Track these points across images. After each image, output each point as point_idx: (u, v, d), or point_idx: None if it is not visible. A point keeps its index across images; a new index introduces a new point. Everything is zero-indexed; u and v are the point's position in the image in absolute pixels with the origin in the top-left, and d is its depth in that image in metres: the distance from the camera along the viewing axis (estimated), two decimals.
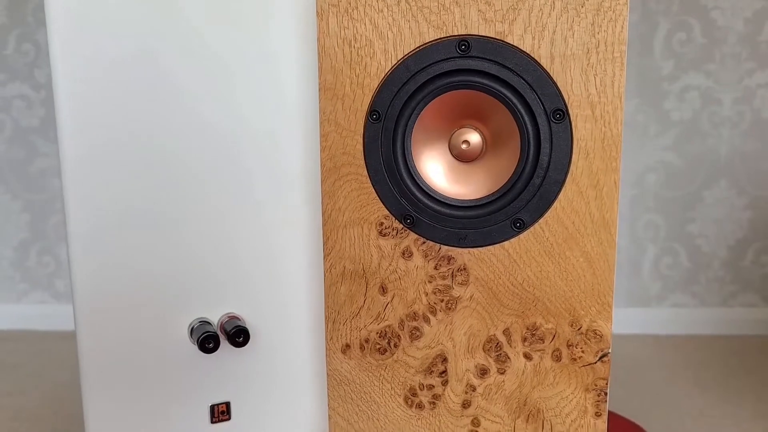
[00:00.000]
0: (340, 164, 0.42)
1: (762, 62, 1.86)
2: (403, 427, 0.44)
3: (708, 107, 1.87)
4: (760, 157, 1.89)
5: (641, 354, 1.85)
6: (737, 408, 1.54)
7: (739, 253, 1.95)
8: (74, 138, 0.42)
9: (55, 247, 2.05)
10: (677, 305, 1.99)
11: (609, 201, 0.38)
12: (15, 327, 2.07)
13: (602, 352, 0.40)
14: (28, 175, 2.02)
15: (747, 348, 1.88)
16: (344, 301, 0.44)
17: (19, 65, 1.97)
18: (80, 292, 0.44)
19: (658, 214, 1.94)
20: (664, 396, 1.59)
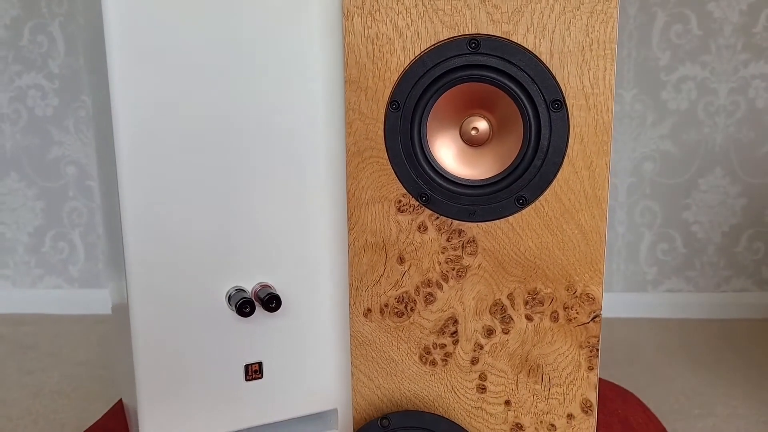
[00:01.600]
0: (363, 148, 0.47)
1: (756, 53, 1.90)
2: (418, 382, 0.50)
3: (704, 97, 1.92)
4: (754, 145, 1.94)
5: (637, 337, 1.91)
6: (729, 388, 1.60)
7: (732, 239, 2.01)
8: (128, 122, 0.47)
9: (69, 233, 2.11)
10: (672, 290, 2.05)
11: (601, 180, 0.44)
12: (31, 311, 2.13)
13: (594, 314, 0.45)
14: (43, 164, 2.07)
15: (739, 331, 1.94)
16: (366, 270, 0.49)
17: (34, 56, 2.02)
18: (132, 263, 0.49)
19: (654, 200, 1.99)
20: (659, 376, 1.65)
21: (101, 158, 0.61)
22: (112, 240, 0.59)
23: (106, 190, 0.57)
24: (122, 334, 0.57)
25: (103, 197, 0.62)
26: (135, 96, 0.46)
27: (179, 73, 0.47)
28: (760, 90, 1.92)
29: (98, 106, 0.57)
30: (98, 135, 0.61)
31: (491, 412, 0.48)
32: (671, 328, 2.00)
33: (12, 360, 1.77)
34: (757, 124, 1.95)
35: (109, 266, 0.66)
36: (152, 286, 0.49)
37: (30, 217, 2.11)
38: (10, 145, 2.07)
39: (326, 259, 0.53)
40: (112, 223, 0.56)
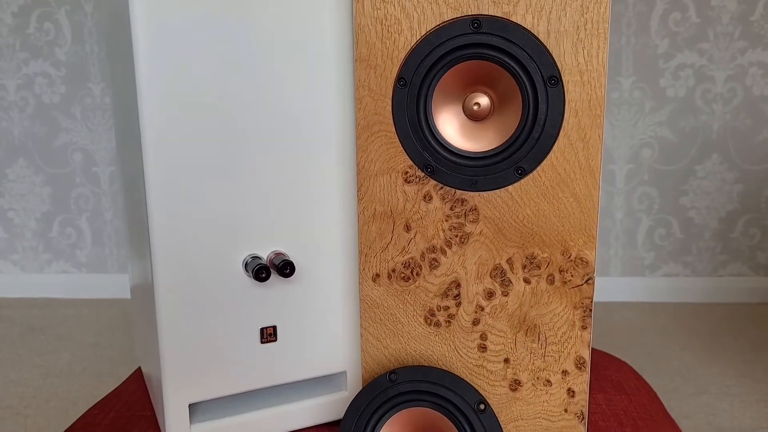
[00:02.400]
0: (372, 123, 0.51)
1: (754, 41, 1.93)
2: (423, 342, 0.53)
3: (701, 84, 1.95)
4: (750, 132, 1.97)
5: (635, 320, 1.95)
6: (724, 367, 1.64)
7: (729, 224, 2.04)
8: (154, 105, 0.50)
9: (76, 219, 2.14)
10: (670, 274, 2.08)
11: (594, 151, 0.47)
12: (39, 295, 2.18)
13: (588, 276, 0.49)
14: (51, 150, 2.10)
15: (735, 314, 1.98)
16: (374, 238, 0.52)
17: (41, 44, 2.05)
18: (157, 235, 0.52)
19: (652, 187, 2.02)
20: (656, 357, 1.69)
21: (123, 140, 0.64)
22: (133, 217, 0.62)
23: (130, 169, 0.60)
24: (145, 305, 0.61)
25: (125, 177, 0.66)
26: (160, 79, 0.49)
27: (202, 60, 0.50)
28: (757, 77, 1.95)
29: (120, 89, 0.60)
30: (119, 117, 0.64)
31: (491, 370, 0.52)
32: (668, 312, 2.04)
33: (23, 342, 1.81)
34: (754, 111, 1.98)
35: (131, 244, 0.69)
36: (175, 256, 0.53)
37: (38, 203, 2.15)
38: (17, 131, 2.10)
39: (336, 229, 0.57)
40: (134, 201, 0.59)
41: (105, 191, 2.13)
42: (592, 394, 0.66)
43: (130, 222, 0.66)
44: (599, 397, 0.66)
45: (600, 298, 2.08)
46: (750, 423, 1.37)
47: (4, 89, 2.08)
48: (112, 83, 0.68)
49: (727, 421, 1.39)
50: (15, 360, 1.70)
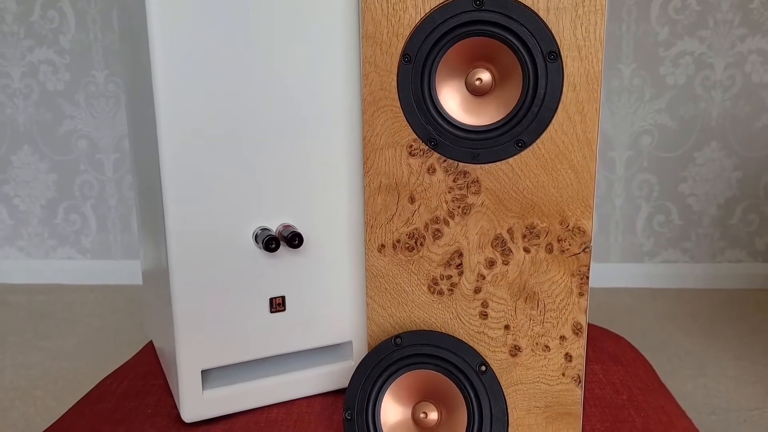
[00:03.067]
0: (378, 98, 0.52)
1: (753, 28, 1.94)
2: (426, 310, 0.55)
3: (701, 72, 1.96)
4: (749, 119, 1.98)
5: (635, 306, 1.97)
6: (721, 351, 1.66)
7: (727, 211, 2.06)
8: (168, 82, 0.52)
9: (81, 205, 2.16)
10: (668, 261, 2.10)
11: (591, 124, 0.49)
12: (44, 281, 2.20)
13: (585, 245, 0.51)
14: (55, 137, 2.12)
15: (733, 300, 2.00)
16: (380, 210, 0.54)
17: (45, 31, 2.07)
18: (170, 209, 0.54)
19: (651, 173, 2.04)
20: (653, 341, 1.71)
21: (135, 119, 0.66)
22: (146, 195, 0.64)
23: (144, 148, 0.62)
24: (158, 278, 0.63)
25: (138, 155, 0.67)
26: (175, 59, 0.51)
27: (214, 38, 0.52)
28: (757, 65, 1.96)
29: (134, 70, 0.62)
30: (132, 98, 0.66)
31: (492, 336, 0.54)
32: (667, 298, 2.06)
33: (29, 326, 1.84)
34: (753, 98, 1.99)
35: (142, 222, 0.71)
36: (188, 229, 0.55)
37: (43, 190, 2.17)
38: (22, 119, 2.12)
39: (343, 201, 0.59)
40: (147, 177, 0.61)
41: (109, 178, 2.15)
42: (589, 364, 0.68)
43: (142, 200, 0.68)
44: (596, 368, 0.68)
45: (599, 284, 2.10)
46: (746, 404, 1.40)
47: (8, 77, 2.10)
48: (123, 65, 0.70)
49: (723, 402, 1.41)
50: (22, 343, 1.73)
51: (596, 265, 2.10)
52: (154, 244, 0.63)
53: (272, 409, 0.60)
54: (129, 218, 2.16)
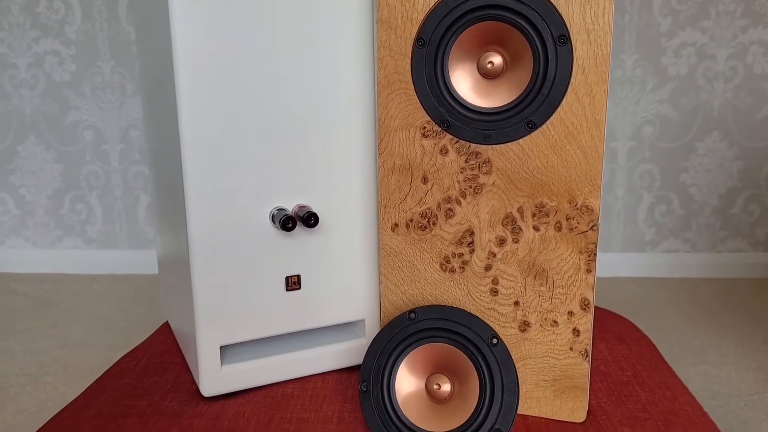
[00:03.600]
0: (392, 81, 0.54)
1: (755, 20, 1.96)
2: (438, 287, 0.57)
3: (703, 63, 1.97)
4: (751, 110, 2.00)
5: (636, 295, 1.99)
6: (721, 338, 1.68)
7: (728, 201, 2.08)
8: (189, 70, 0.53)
9: (87, 195, 2.18)
10: (670, 250, 2.12)
11: (599, 105, 0.50)
12: (50, 270, 2.22)
13: (593, 223, 0.53)
14: (61, 128, 2.13)
15: (734, 289, 2.02)
16: (394, 190, 0.56)
17: (51, 22, 2.08)
18: (191, 191, 0.56)
19: (653, 164, 2.05)
20: (655, 329, 1.73)
21: (154, 105, 0.67)
22: (164, 179, 0.66)
23: (163, 133, 0.64)
24: (177, 259, 0.65)
25: (156, 140, 0.69)
26: (196, 46, 0.53)
27: (235, 26, 0.54)
28: (758, 56, 1.97)
29: (153, 57, 0.64)
30: (149, 84, 0.68)
31: (502, 312, 0.56)
32: (668, 287, 2.08)
33: (37, 314, 1.86)
34: (754, 89, 2.00)
35: (160, 209, 0.73)
36: (208, 210, 0.56)
37: (49, 180, 2.19)
38: (29, 109, 2.14)
39: (357, 182, 0.60)
40: (167, 161, 0.63)
41: (115, 168, 2.16)
42: (594, 343, 0.70)
43: (159, 186, 0.70)
44: (602, 347, 0.70)
45: (601, 274, 2.12)
46: (746, 389, 1.42)
47: (15, 67, 2.11)
48: (140, 51, 0.72)
49: (724, 387, 1.43)
50: (31, 331, 1.75)
51: (598, 254, 2.11)
52: (172, 229, 0.65)
53: (288, 385, 0.62)
54: (135, 208, 2.18)
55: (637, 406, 0.58)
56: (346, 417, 0.57)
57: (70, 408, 0.59)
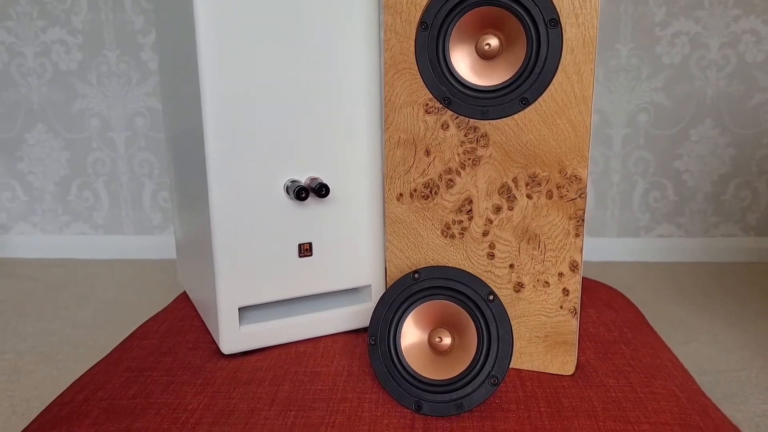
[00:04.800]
0: (398, 62, 0.59)
1: (747, 9, 2.00)
2: (440, 252, 0.62)
3: (696, 51, 2.02)
4: (743, 98, 2.05)
5: (630, 278, 2.05)
6: (712, 319, 1.74)
7: (721, 187, 2.13)
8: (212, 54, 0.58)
9: (93, 182, 2.23)
10: (664, 235, 2.17)
11: (587, 83, 0.55)
12: (58, 256, 2.27)
13: (581, 191, 0.57)
14: (68, 116, 2.18)
15: (725, 273, 2.08)
16: (399, 162, 0.61)
17: (57, 12, 2.12)
18: (212, 162, 0.61)
19: (647, 151, 2.10)
20: (648, 310, 1.78)
21: (174, 87, 0.72)
22: (183, 156, 0.70)
23: (183, 114, 0.68)
24: (197, 230, 0.69)
25: (175, 122, 0.74)
26: (218, 35, 0.58)
27: (255, 17, 0.58)
28: (750, 45, 2.02)
29: (172, 41, 0.68)
30: (168, 71, 0.72)
31: (498, 274, 0.61)
32: (662, 271, 2.14)
33: (47, 297, 1.91)
34: (746, 77, 2.05)
35: (177, 188, 0.78)
36: (227, 183, 0.61)
37: (56, 167, 2.24)
38: (36, 98, 2.18)
39: (365, 155, 0.65)
40: (186, 137, 0.68)
41: (121, 155, 2.21)
42: (584, 309, 0.75)
43: (178, 164, 0.75)
44: (591, 312, 0.75)
45: (597, 258, 2.17)
46: (734, 365, 1.48)
47: (22, 56, 2.16)
48: (160, 39, 0.76)
49: (713, 364, 1.49)
50: (42, 312, 1.80)
51: (594, 239, 2.17)
52: (193, 204, 0.70)
53: (300, 344, 0.67)
54: (140, 195, 2.22)
55: (622, 362, 0.63)
56: (355, 371, 0.62)
57: (102, 363, 0.64)
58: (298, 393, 0.58)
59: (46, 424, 0.54)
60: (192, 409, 0.55)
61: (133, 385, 0.59)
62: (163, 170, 2.19)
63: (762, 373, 1.43)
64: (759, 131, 2.08)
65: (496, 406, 0.56)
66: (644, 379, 0.60)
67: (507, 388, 0.58)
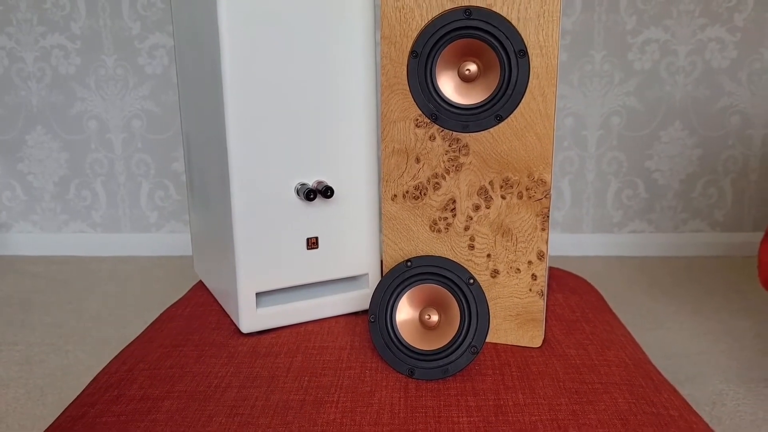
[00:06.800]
0: (392, 83, 0.70)
1: (712, 18, 2.14)
2: (428, 244, 0.73)
3: (665, 58, 2.15)
4: (709, 102, 2.18)
5: (605, 272, 2.18)
6: (679, 307, 1.87)
7: (689, 185, 2.26)
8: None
9: (92, 182, 2.32)
10: (636, 231, 2.31)
11: (550, 102, 0.66)
12: (57, 253, 2.35)
13: (545, 192, 0.69)
14: (67, 118, 2.26)
15: (693, 266, 2.21)
16: (393, 168, 0.72)
17: (57, 18, 2.20)
18: (234, 166, 0.71)
19: (620, 151, 2.23)
20: (619, 301, 1.91)
21: (195, 100, 0.82)
22: (203, 161, 0.81)
23: (203, 122, 0.79)
24: (216, 227, 0.80)
25: (196, 128, 0.84)
26: (241, 57, 0.68)
27: (274, 38, 0.69)
28: (715, 52, 2.16)
29: (194, 52, 0.79)
30: (192, 79, 0.83)
31: (477, 263, 0.72)
32: (634, 264, 2.27)
33: (52, 292, 2.00)
34: (712, 82, 2.19)
35: (194, 188, 0.88)
36: (247, 186, 0.72)
37: (55, 168, 2.32)
38: (36, 101, 2.27)
39: (364, 162, 0.76)
40: (208, 147, 0.78)
41: (118, 156, 2.30)
42: (553, 294, 0.87)
43: (197, 168, 0.85)
44: (559, 296, 0.86)
45: (573, 253, 2.30)
46: (696, 349, 1.60)
47: (22, 61, 2.24)
48: (180, 49, 0.86)
49: (678, 349, 1.62)
50: (48, 305, 1.89)
51: (570, 235, 2.29)
52: (213, 205, 0.80)
53: (308, 325, 0.78)
54: (137, 194, 2.31)
55: (582, 336, 0.75)
56: (357, 345, 0.73)
57: (137, 342, 0.75)
58: (310, 363, 0.69)
59: (100, 388, 0.65)
60: (222, 376, 0.66)
61: (168, 359, 0.70)
62: (158, 170, 2.28)
63: (722, 357, 1.56)
64: (724, 133, 2.22)
65: (476, 371, 0.67)
66: (600, 350, 0.72)
67: (485, 357, 0.70)
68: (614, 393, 0.63)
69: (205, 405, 0.61)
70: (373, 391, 0.64)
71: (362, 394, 0.63)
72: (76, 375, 1.51)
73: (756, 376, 1.48)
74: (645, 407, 0.62)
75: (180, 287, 2.04)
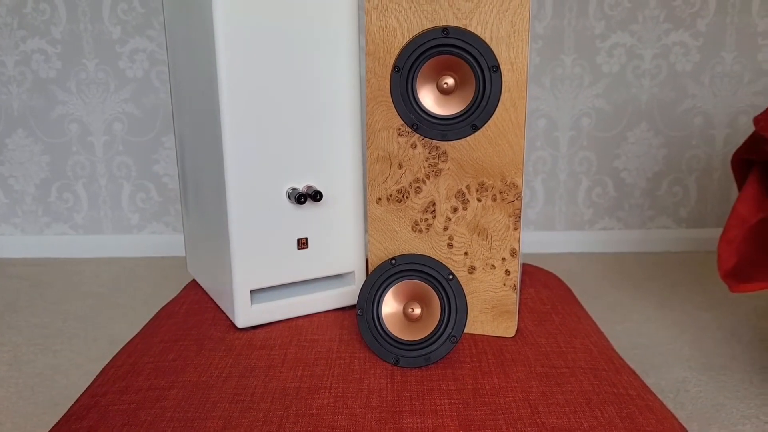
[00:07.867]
0: (377, 96, 0.76)
1: (677, 23, 2.23)
2: (411, 243, 0.79)
3: (632, 62, 2.24)
4: (673, 104, 2.28)
5: (577, 268, 2.26)
6: (645, 301, 1.95)
7: (655, 184, 2.36)
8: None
9: (73, 184, 2.34)
10: (606, 228, 2.40)
11: (520, 113, 0.73)
12: (39, 255, 2.37)
13: (517, 195, 0.75)
14: (48, 121, 2.28)
15: (660, 261, 2.31)
16: (378, 173, 0.78)
17: (37, 22, 2.22)
18: (230, 171, 0.77)
19: (590, 151, 2.32)
20: (591, 296, 1.99)
21: (190, 108, 0.88)
22: (197, 166, 0.86)
23: (199, 128, 0.84)
24: (211, 228, 0.85)
25: (190, 133, 0.89)
26: (235, 68, 0.74)
27: (264, 58, 0.74)
28: (680, 55, 2.25)
29: (188, 63, 0.84)
30: (186, 87, 0.88)
31: (456, 260, 0.78)
32: (604, 260, 2.36)
33: (35, 293, 2.03)
34: (676, 85, 2.29)
35: (188, 192, 0.93)
36: (242, 191, 0.77)
37: (36, 170, 2.34)
38: (17, 104, 2.28)
39: (351, 168, 0.82)
40: (203, 154, 0.83)
41: (99, 158, 2.32)
42: (525, 288, 0.94)
43: (191, 172, 0.90)
44: (531, 291, 0.93)
45: (546, 250, 2.38)
46: (662, 340, 1.69)
47: (3, 65, 2.25)
48: (173, 58, 0.91)
49: (645, 340, 1.70)
50: (33, 307, 1.91)
51: (543, 233, 2.38)
52: (207, 206, 0.86)
53: (299, 319, 0.84)
54: (118, 196, 2.34)
55: (552, 326, 0.81)
56: (345, 337, 0.79)
57: (139, 337, 0.80)
58: (303, 354, 0.75)
59: (108, 380, 0.70)
60: (222, 367, 0.72)
61: (170, 352, 0.75)
62: (140, 173, 2.31)
63: (686, 347, 1.65)
64: (688, 133, 2.31)
65: (455, 359, 0.73)
66: (568, 339, 0.78)
67: (463, 347, 0.76)
68: (580, 376, 0.70)
69: (208, 393, 0.67)
70: (362, 378, 0.70)
71: (352, 381, 0.69)
72: (66, 374, 1.54)
73: (717, 364, 1.57)
74: (607, 388, 0.68)
75: (163, 287, 2.08)
